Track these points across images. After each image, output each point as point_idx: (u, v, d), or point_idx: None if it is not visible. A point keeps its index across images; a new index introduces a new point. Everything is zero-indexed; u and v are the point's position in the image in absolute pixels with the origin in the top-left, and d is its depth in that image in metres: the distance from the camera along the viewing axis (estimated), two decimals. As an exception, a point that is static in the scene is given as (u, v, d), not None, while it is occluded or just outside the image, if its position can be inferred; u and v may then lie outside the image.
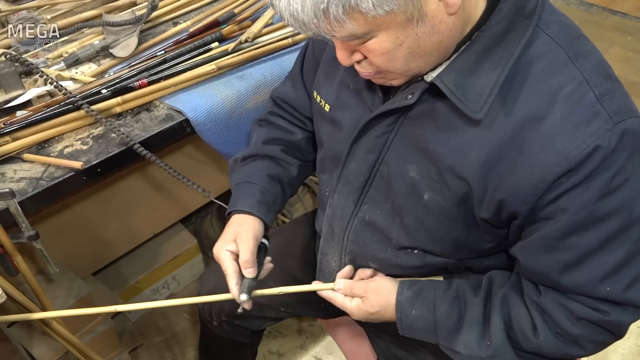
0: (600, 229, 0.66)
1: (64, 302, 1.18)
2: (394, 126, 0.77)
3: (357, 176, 0.83)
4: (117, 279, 1.54)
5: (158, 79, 1.10)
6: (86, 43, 1.24)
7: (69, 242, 1.25)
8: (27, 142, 1.00)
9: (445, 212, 0.74)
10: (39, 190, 0.94)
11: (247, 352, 1.29)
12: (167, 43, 1.23)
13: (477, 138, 0.68)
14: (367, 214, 0.84)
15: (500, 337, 0.75)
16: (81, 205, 1.20)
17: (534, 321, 0.74)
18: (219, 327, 1.15)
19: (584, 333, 0.72)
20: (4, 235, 0.91)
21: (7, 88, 1.06)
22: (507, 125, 0.66)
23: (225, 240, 0.86)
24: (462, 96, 0.67)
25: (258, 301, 1.07)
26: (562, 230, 0.67)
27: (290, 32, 1.24)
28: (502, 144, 0.67)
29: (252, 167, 0.98)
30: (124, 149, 1.02)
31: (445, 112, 0.71)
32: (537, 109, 0.65)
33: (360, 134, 0.80)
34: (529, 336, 0.74)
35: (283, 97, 1.04)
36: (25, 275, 0.97)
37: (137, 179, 1.27)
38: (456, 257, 0.82)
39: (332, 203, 0.90)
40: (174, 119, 1.08)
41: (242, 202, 0.91)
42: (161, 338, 1.62)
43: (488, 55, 0.66)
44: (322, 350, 1.59)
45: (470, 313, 0.78)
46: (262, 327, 1.16)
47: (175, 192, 1.39)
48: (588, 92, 0.64)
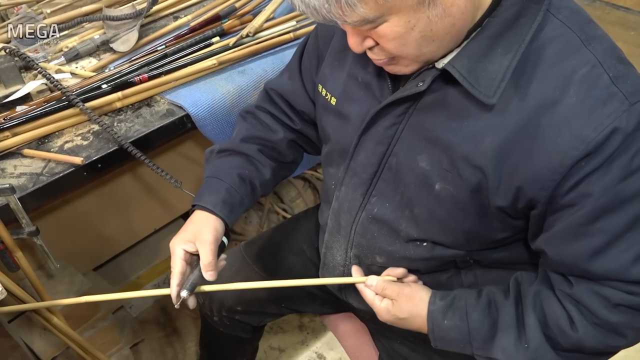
0: (627, 210, 0.65)
1: (64, 297, 1.17)
2: (403, 117, 0.76)
3: (365, 168, 0.82)
4: (118, 274, 1.53)
5: (159, 74, 1.10)
6: (86, 37, 1.23)
7: (69, 238, 1.24)
8: (27, 138, 0.99)
9: (458, 201, 0.73)
10: (39, 185, 0.94)
11: (247, 347, 1.29)
12: (168, 37, 1.23)
13: (491, 125, 0.67)
14: (375, 206, 0.83)
15: (538, 337, 0.73)
16: (82, 200, 1.19)
17: (570, 314, 0.72)
18: (220, 322, 1.14)
19: (622, 320, 0.70)
20: (5, 231, 0.90)
21: (6, 83, 1.05)
22: (522, 110, 0.66)
23: (184, 239, 0.83)
24: (475, 81, 0.66)
25: (258, 297, 1.07)
26: (587, 216, 0.66)
27: (292, 27, 1.23)
28: (517, 129, 0.66)
29: (225, 162, 0.96)
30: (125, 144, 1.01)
31: (457, 100, 0.70)
32: (551, 93, 0.64)
33: (369, 125, 0.79)
34: (567, 331, 0.72)
35: (278, 89, 1.01)
36: (25, 271, 0.96)
37: (138, 174, 1.27)
38: (466, 249, 0.80)
39: (338, 196, 0.89)
40: (174, 114, 1.08)
41: (207, 198, 0.89)
42: (162, 333, 1.62)
43: (499, 40, 0.66)
44: (323, 345, 1.59)
45: (503, 317, 0.76)
46: (262, 323, 1.16)
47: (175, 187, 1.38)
48: (602, 74, 0.64)
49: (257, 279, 1.07)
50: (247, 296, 1.08)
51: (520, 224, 0.75)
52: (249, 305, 1.09)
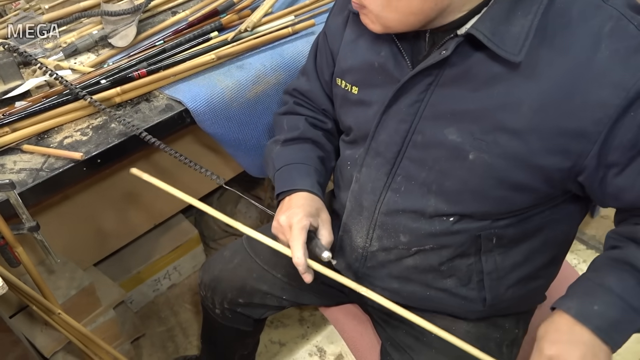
0: None
1: (65, 292, 1.18)
2: (425, 94, 0.77)
3: (389, 147, 0.83)
4: (118, 269, 1.54)
5: (157, 69, 1.10)
6: (84, 33, 1.23)
7: (70, 233, 1.25)
8: (27, 133, 0.99)
9: (493, 169, 0.74)
10: (39, 181, 0.94)
11: (249, 340, 1.29)
12: (166, 33, 1.23)
13: (525, 89, 0.69)
14: (402, 185, 0.84)
15: None
16: (82, 196, 1.19)
17: None
18: (222, 315, 1.15)
19: None
20: (5, 227, 0.90)
21: (5, 79, 1.05)
22: (556, 72, 0.67)
23: (309, 213, 0.84)
24: (500, 42, 0.68)
25: (260, 289, 1.08)
26: None
27: (290, 22, 1.23)
28: (554, 90, 0.67)
29: (299, 149, 0.97)
30: (124, 139, 1.01)
31: (484, 67, 0.71)
32: (583, 52, 0.66)
33: (390, 104, 0.80)
34: None
35: (300, 89, 1.04)
36: (26, 267, 0.97)
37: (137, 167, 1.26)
38: (494, 218, 0.81)
39: (359, 177, 0.89)
40: (173, 109, 1.08)
41: (303, 181, 0.91)
42: (163, 328, 1.63)
43: (518, 3, 0.68)
44: (323, 339, 1.59)
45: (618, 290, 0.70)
46: (264, 316, 1.16)
47: (176, 182, 1.37)
48: (628, 25, 0.66)
49: (259, 270, 1.08)
50: (249, 288, 1.09)
51: (555, 189, 0.75)
52: (251, 298, 1.10)
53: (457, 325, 0.94)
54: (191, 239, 1.66)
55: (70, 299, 1.19)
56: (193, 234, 1.66)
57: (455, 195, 0.79)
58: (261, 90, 1.16)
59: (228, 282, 1.10)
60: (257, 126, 1.20)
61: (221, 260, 1.13)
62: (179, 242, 1.64)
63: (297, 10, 1.27)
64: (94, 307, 1.28)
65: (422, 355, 0.94)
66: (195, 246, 1.70)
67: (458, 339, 0.75)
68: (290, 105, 1.05)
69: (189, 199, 0.86)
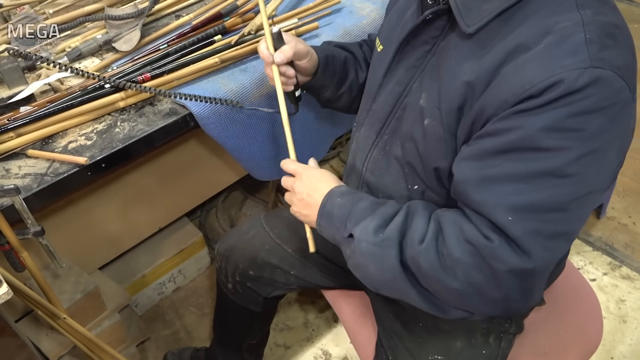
0: (535, 160, 0.64)
1: (70, 296, 1.19)
2: (422, 61, 0.81)
3: (383, 107, 0.87)
4: (123, 272, 1.54)
5: (161, 73, 1.10)
6: (89, 37, 1.23)
7: (75, 237, 1.25)
8: (31, 138, 1.00)
9: (438, 138, 0.76)
10: (44, 186, 0.94)
11: (257, 325, 1.31)
12: (170, 36, 1.23)
13: (473, 64, 0.71)
14: (387, 144, 0.87)
15: (394, 232, 0.73)
16: (87, 200, 1.19)
17: (427, 232, 0.71)
18: (233, 291, 1.19)
19: (464, 259, 0.67)
20: (10, 232, 0.91)
21: (10, 84, 1.05)
22: (499, 51, 0.68)
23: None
24: (465, 13, 0.71)
25: (270, 261, 1.13)
26: (498, 147, 0.66)
27: (294, 24, 1.23)
28: (490, 68, 0.68)
29: (336, 49, 1.06)
30: (129, 143, 1.01)
31: (458, 41, 0.74)
32: (528, 39, 0.67)
33: (391, 66, 0.85)
34: (414, 242, 0.71)
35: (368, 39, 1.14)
36: (31, 271, 0.97)
37: (142, 173, 1.27)
38: (440, 190, 0.81)
39: (358, 137, 0.94)
40: (177, 113, 1.08)
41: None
42: (168, 331, 1.63)
43: None
44: (328, 342, 1.59)
45: (384, 209, 0.77)
46: (272, 294, 1.18)
47: (180, 186, 1.39)
48: (580, 33, 0.64)
49: (271, 243, 1.14)
50: (259, 260, 1.13)
51: None
52: (261, 271, 1.14)
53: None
54: (196, 242, 1.66)
55: (75, 303, 1.19)
56: (197, 237, 1.66)
57: (414, 159, 0.82)
58: (265, 93, 1.16)
59: (241, 252, 1.15)
60: (261, 130, 1.20)
61: (238, 232, 1.20)
62: (184, 245, 1.64)
63: (300, 13, 1.27)
64: (99, 311, 1.28)
65: (408, 342, 0.96)
66: (200, 249, 1.70)
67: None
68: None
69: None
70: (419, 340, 0.95)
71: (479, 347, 0.92)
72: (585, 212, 0.68)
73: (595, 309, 1.08)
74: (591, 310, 1.07)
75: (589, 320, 1.06)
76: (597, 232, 1.86)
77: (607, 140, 0.63)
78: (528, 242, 0.64)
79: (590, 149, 0.63)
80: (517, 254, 0.65)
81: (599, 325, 1.05)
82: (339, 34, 1.27)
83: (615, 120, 0.63)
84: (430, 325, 0.94)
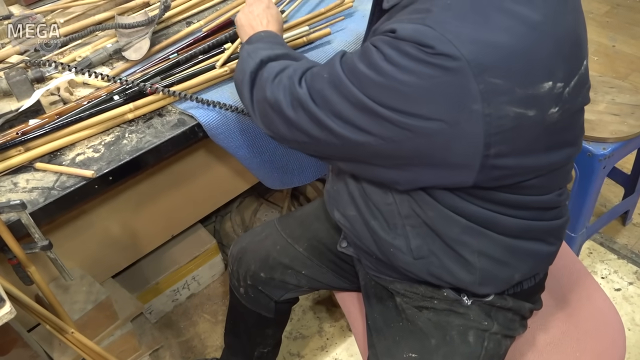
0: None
1: (82, 307, 1.18)
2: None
3: None
4: (137, 280, 1.54)
5: (170, 84, 1.08)
6: (99, 46, 1.23)
7: (87, 246, 1.25)
8: (40, 152, 0.99)
9: None
10: (51, 200, 0.93)
11: (269, 332, 1.30)
12: (180, 44, 1.21)
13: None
14: None
15: (265, 58, 0.86)
16: (99, 209, 1.19)
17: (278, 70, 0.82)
18: (245, 295, 1.19)
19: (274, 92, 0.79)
20: (17, 247, 0.90)
21: (19, 96, 1.05)
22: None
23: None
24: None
25: (281, 262, 1.13)
26: None
27: (305, 32, 1.20)
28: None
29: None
30: (136, 156, 1.00)
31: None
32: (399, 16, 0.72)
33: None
34: (272, 71, 0.83)
35: None
36: (39, 285, 0.97)
37: (153, 182, 1.26)
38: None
39: None
40: (186, 123, 1.06)
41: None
42: (182, 338, 1.62)
43: None
44: (342, 352, 1.56)
45: (278, 44, 0.92)
46: (283, 298, 1.18)
47: (192, 193, 1.37)
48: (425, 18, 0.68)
49: (283, 243, 1.15)
50: (271, 261, 1.13)
51: None
52: (272, 272, 1.14)
53: (421, 314, 0.93)
54: (210, 249, 1.66)
55: (87, 313, 1.19)
56: (211, 244, 1.65)
57: None
58: (275, 102, 1.14)
59: (253, 253, 1.16)
60: (271, 139, 1.17)
61: (251, 234, 1.22)
62: (198, 252, 1.63)
63: (311, 19, 1.24)
64: (111, 320, 1.28)
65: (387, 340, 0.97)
66: (214, 255, 1.69)
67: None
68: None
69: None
70: (396, 339, 0.95)
71: (455, 345, 0.90)
72: None
73: (617, 333, 1.02)
74: (612, 335, 1.02)
75: (609, 346, 1.00)
76: (623, 239, 1.80)
77: None
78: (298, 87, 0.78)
79: None
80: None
81: (620, 349, 1.00)
82: (352, 39, 1.24)
83: None
84: (408, 324, 0.94)
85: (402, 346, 0.94)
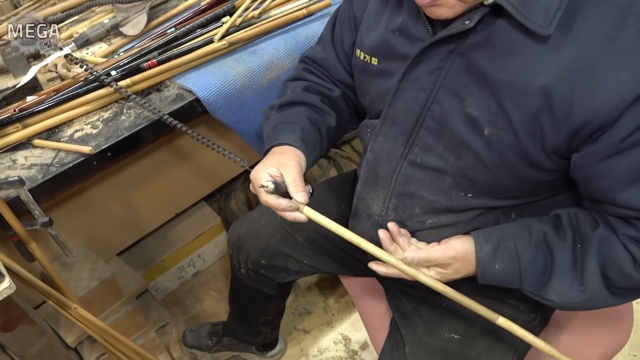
0: None
1: (86, 284, 1.19)
2: (446, 61, 0.74)
3: (406, 116, 0.80)
4: (142, 258, 1.55)
5: (168, 59, 1.07)
6: (96, 22, 1.21)
7: (90, 224, 1.25)
8: (38, 129, 0.99)
9: (508, 146, 0.71)
10: (50, 176, 0.93)
11: (272, 304, 1.30)
12: (178, 19, 1.19)
13: (543, 61, 0.66)
14: (418, 156, 0.81)
15: (596, 282, 0.73)
16: (100, 186, 1.19)
17: (635, 257, 0.71)
18: (247, 276, 1.17)
19: None
20: (17, 223, 0.90)
21: (15, 72, 1.04)
22: (576, 46, 0.64)
23: (267, 165, 0.82)
24: (527, 13, 0.64)
25: (282, 251, 1.10)
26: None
27: (305, 4, 1.17)
28: (571, 66, 0.64)
29: (290, 112, 0.95)
30: (134, 131, 0.99)
31: (505, 36, 0.68)
32: (608, 28, 0.63)
33: (409, 70, 0.77)
34: (631, 274, 0.71)
35: (312, 57, 1.02)
36: (41, 262, 0.97)
37: (154, 158, 1.25)
38: (509, 196, 0.79)
39: (373, 147, 0.87)
40: (184, 98, 1.05)
41: (284, 136, 0.88)
42: (188, 315, 1.63)
43: None
44: (348, 327, 1.57)
45: (559, 261, 0.75)
46: (286, 280, 1.17)
47: (195, 170, 1.37)
48: None
49: (283, 233, 1.10)
50: (271, 250, 1.10)
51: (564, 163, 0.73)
52: (273, 260, 1.11)
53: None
54: (214, 226, 1.66)
55: (91, 290, 1.19)
56: (216, 221, 1.65)
57: (471, 170, 0.77)
58: (275, 75, 1.12)
59: (252, 242, 1.12)
60: (271, 114, 1.16)
61: (249, 220, 1.17)
62: (202, 230, 1.63)
63: (311, -9, 1.21)
64: (116, 297, 1.28)
65: (425, 321, 0.94)
66: (218, 233, 1.69)
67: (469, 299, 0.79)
68: (299, 72, 1.03)
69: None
70: (439, 319, 0.93)
71: (502, 334, 0.88)
72: None
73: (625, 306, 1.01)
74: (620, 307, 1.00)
75: (617, 318, 0.99)
76: None
77: None
78: None
79: None
80: None
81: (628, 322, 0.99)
82: (353, 11, 1.21)
83: None
84: (451, 306, 0.91)
85: (445, 327, 0.92)
